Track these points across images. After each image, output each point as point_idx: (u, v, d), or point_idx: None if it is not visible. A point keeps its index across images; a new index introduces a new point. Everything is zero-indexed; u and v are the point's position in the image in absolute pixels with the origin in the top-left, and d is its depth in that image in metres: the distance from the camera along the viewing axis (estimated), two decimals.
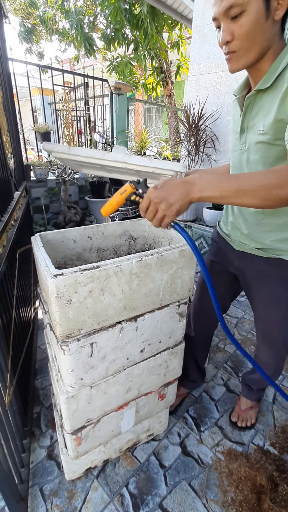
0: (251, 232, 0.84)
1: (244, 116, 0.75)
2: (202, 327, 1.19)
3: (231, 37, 0.64)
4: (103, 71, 4.04)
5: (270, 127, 0.67)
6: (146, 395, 0.96)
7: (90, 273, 0.63)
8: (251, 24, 0.62)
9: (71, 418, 0.80)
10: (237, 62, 0.68)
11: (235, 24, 0.63)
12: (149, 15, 4.54)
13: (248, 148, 0.77)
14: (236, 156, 0.83)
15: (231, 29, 0.64)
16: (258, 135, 0.71)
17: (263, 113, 0.70)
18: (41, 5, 5.90)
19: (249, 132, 0.75)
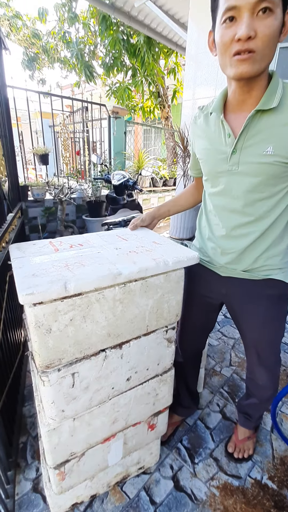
0: (238, 256, 0.83)
1: (240, 136, 0.71)
2: (190, 350, 1.15)
3: (254, 33, 0.58)
4: (101, 96, 4.21)
5: (285, 150, 0.67)
6: (134, 426, 0.92)
7: (71, 301, 0.61)
8: (274, 29, 0.59)
9: (53, 452, 0.75)
10: (252, 65, 0.62)
11: (261, 22, 0.58)
12: (145, 45, 4.79)
13: (242, 170, 0.74)
14: (220, 178, 0.79)
15: (254, 26, 0.58)
16: (262, 156, 0.70)
17: (266, 134, 0.69)
18: (44, 36, 6.23)
19: (244, 153, 0.72)
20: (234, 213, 0.80)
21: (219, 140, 0.77)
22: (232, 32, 0.60)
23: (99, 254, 0.74)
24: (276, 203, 0.76)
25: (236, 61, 0.62)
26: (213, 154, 0.79)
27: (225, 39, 0.62)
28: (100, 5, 3.78)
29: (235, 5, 0.58)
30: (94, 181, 3.50)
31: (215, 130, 0.78)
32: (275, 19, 0.58)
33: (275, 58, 2.30)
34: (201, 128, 0.83)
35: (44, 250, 0.76)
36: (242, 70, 0.63)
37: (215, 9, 0.65)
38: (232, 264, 0.86)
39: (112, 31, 4.82)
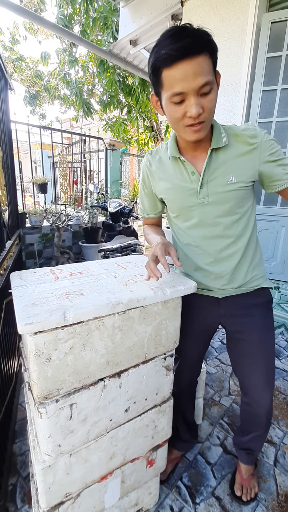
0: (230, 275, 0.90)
1: (205, 172, 0.81)
2: (186, 379, 1.12)
3: (202, 110, 0.69)
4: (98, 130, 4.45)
5: (244, 175, 0.81)
6: (132, 462, 0.88)
7: (72, 328, 0.62)
8: (215, 99, 0.71)
9: (48, 493, 0.71)
10: (204, 131, 0.75)
11: (205, 99, 0.69)
12: (140, 86, 5.17)
13: (213, 200, 0.83)
14: (192, 211, 0.86)
15: (201, 103, 0.68)
16: (227, 185, 0.81)
17: (226, 166, 0.81)
18: (46, 76, 6.69)
19: (211, 185, 0.82)
20: (216, 238, 0.88)
21: (182, 178, 0.86)
22: (183, 110, 0.70)
23: (98, 282, 0.76)
24: (247, 220, 0.88)
25: (190, 131, 0.73)
26: (179, 191, 0.87)
27: (178, 115, 0.71)
28: (98, 51, 4.13)
29: (182, 92, 0.67)
30: (91, 208, 3.59)
31: (175, 170, 0.87)
32: (215, 92, 0.70)
33: (258, 100, 2.51)
34: (159, 171, 0.91)
35: (45, 278, 0.78)
36: (197, 137, 0.74)
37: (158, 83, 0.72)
38: (228, 284, 0.91)
39: (109, 73, 5.21)
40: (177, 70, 0.65)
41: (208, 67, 0.67)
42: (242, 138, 0.80)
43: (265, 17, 2.38)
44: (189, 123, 0.71)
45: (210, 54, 0.67)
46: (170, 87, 0.68)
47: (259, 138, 0.80)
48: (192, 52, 0.64)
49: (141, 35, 3.64)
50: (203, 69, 0.65)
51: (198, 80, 0.65)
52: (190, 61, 0.64)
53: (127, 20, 3.60)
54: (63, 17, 5.01)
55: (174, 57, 0.64)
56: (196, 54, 0.64)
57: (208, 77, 0.66)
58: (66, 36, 4.01)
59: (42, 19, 3.59)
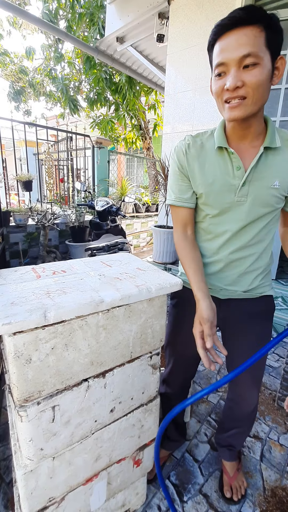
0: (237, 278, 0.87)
1: (251, 169, 0.76)
2: (180, 381, 1.11)
3: (242, 83, 0.64)
4: (85, 128, 4.39)
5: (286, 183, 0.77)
6: (118, 462, 0.87)
7: (53, 328, 0.60)
8: (263, 78, 0.64)
9: (30, 498, 0.69)
10: (244, 109, 0.68)
11: (247, 73, 0.64)
12: (127, 83, 5.14)
13: (250, 201, 0.78)
14: (228, 207, 0.81)
15: (241, 77, 0.64)
16: (270, 189, 0.77)
17: (274, 169, 0.76)
18: (31, 72, 6.55)
19: (253, 185, 0.77)
20: (240, 239, 0.84)
21: (225, 171, 0.78)
22: (222, 83, 0.67)
23: (82, 281, 0.74)
24: (271, 226, 0.85)
25: (228, 108, 0.69)
26: (220, 186, 0.80)
27: (217, 88, 0.69)
28: (85, 48, 4.07)
29: (223, 62, 0.65)
30: (78, 207, 3.54)
31: (218, 162, 0.79)
32: (262, 69, 0.64)
33: (281, 97, 2.48)
34: (198, 157, 0.82)
35: (26, 277, 0.75)
36: (234, 115, 0.69)
37: (211, 64, 0.72)
38: (233, 286, 0.88)
39: (96, 70, 5.15)
40: (223, 40, 0.64)
41: (257, 39, 0.62)
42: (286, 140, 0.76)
43: None
44: (227, 96, 0.67)
45: (265, 28, 0.62)
46: (216, 59, 0.66)
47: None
48: (241, 23, 0.61)
49: (128, 32, 3.61)
50: (249, 40, 0.61)
51: (240, 50, 0.62)
52: (238, 31, 0.62)
53: (113, 17, 3.57)
54: (48, 12, 4.91)
55: (224, 27, 0.63)
56: (245, 25, 0.61)
57: (253, 48, 0.62)
58: (51, 32, 3.93)
59: (26, 13, 3.51)
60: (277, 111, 2.47)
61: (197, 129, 2.89)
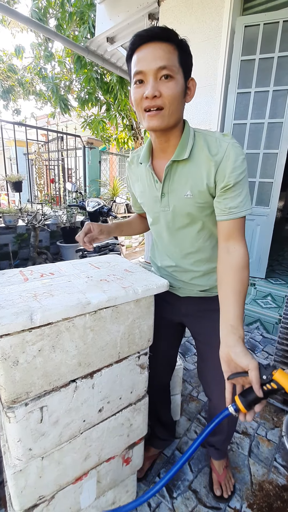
0: (192, 279, 0.92)
1: (164, 182, 0.81)
2: (157, 378, 1.11)
3: (159, 93, 0.68)
4: (76, 128, 4.37)
5: (199, 193, 0.78)
6: (108, 461, 0.88)
7: (40, 330, 0.61)
8: (177, 91, 0.70)
9: (20, 497, 0.70)
10: (162, 119, 0.71)
11: (164, 85, 0.68)
12: (118, 83, 5.13)
13: (172, 210, 0.83)
14: (158, 217, 0.89)
15: (159, 87, 0.68)
16: (184, 199, 0.80)
17: (184, 180, 0.79)
18: (20, 70, 6.47)
19: (171, 196, 0.82)
20: (178, 247, 0.90)
21: (151, 184, 0.86)
22: (142, 92, 0.70)
23: (69, 283, 0.75)
24: (210, 232, 0.87)
25: (147, 117, 0.72)
26: (148, 197, 0.88)
27: (137, 96, 0.71)
28: (75, 47, 4.05)
29: (141, 70, 0.68)
30: (69, 207, 3.53)
31: (147, 175, 0.87)
32: (177, 83, 0.69)
33: (233, 102, 2.57)
34: (136, 173, 0.92)
35: (13, 280, 0.76)
36: (153, 124, 0.72)
37: (129, 73, 0.74)
38: (188, 286, 0.95)
39: (87, 70, 5.12)
40: (141, 51, 0.68)
41: (171, 55, 0.68)
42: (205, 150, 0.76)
43: (239, 21, 2.44)
44: (146, 105, 0.70)
45: (177, 47, 0.69)
46: (134, 67, 0.70)
47: (219, 155, 0.74)
48: (157, 37, 0.67)
49: (118, 32, 3.61)
50: (165, 54, 0.67)
51: (157, 62, 0.67)
52: (154, 45, 0.67)
53: (104, 17, 3.56)
54: (37, 10, 4.86)
55: (142, 38, 0.67)
56: (162, 40, 0.67)
57: (168, 62, 0.67)
58: (41, 31, 3.90)
59: (14, 12, 3.47)
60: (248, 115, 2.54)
61: None
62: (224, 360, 0.67)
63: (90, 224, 0.95)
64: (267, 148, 2.50)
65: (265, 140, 2.50)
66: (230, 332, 0.66)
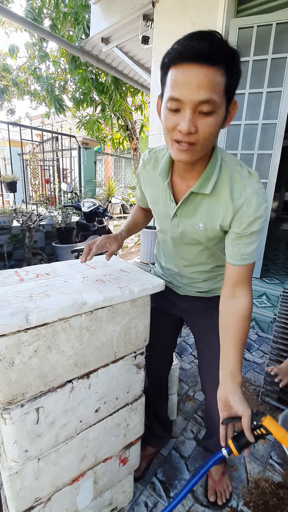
0: (192, 283, 0.97)
1: (180, 206, 0.78)
2: (154, 374, 1.13)
3: (195, 129, 0.60)
4: (71, 128, 4.36)
5: (212, 229, 0.77)
6: (105, 462, 0.88)
7: (36, 331, 0.61)
8: (216, 126, 0.61)
9: (16, 499, 0.69)
10: (192, 154, 0.65)
11: (202, 120, 0.59)
12: (113, 84, 5.13)
13: (180, 232, 0.82)
14: (166, 230, 0.88)
15: (196, 123, 0.59)
16: (195, 229, 0.79)
17: (199, 213, 0.76)
18: (14, 70, 6.43)
19: (182, 220, 0.80)
20: (181, 259, 0.93)
21: (165, 200, 0.83)
22: (175, 121, 0.61)
23: (65, 283, 0.75)
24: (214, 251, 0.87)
25: (177, 149, 0.64)
26: (160, 209, 0.86)
27: (169, 124, 0.62)
28: (69, 48, 4.04)
29: (179, 99, 0.58)
30: (64, 208, 3.52)
31: (163, 189, 0.82)
32: (217, 117, 0.60)
33: None
34: (150, 177, 0.86)
35: (8, 281, 0.76)
36: (181, 158, 0.66)
37: (164, 83, 0.64)
38: (188, 287, 0.98)
39: (82, 70, 5.11)
40: (181, 71, 0.56)
41: (218, 85, 0.56)
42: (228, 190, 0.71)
43: (233, 23, 2.46)
44: (178, 137, 0.62)
45: (227, 72, 0.57)
46: (170, 89, 0.59)
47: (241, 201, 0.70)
48: (204, 58, 0.53)
49: (113, 33, 3.61)
50: (210, 84, 0.55)
51: (200, 93, 0.55)
52: (198, 68, 0.54)
53: (98, 17, 3.56)
54: (32, 10, 4.84)
55: (183, 56, 0.55)
56: (208, 63, 0.54)
57: (213, 95, 0.56)
58: (35, 31, 3.88)
59: (9, 11, 3.46)
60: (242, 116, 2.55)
61: None
62: (221, 401, 0.71)
63: (108, 239, 0.89)
64: (261, 149, 2.53)
65: (259, 141, 2.52)
66: (230, 378, 0.70)
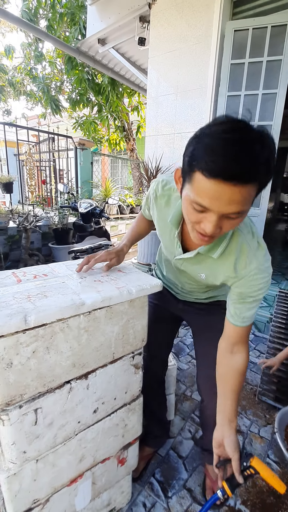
0: (191, 292, 1.02)
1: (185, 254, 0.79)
2: (150, 375, 1.12)
3: (220, 229, 0.60)
4: (67, 129, 4.35)
5: (212, 282, 0.81)
6: (103, 462, 0.88)
7: (34, 332, 0.61)
8: (241, 221, 0.61)
9: (14, 501, 0.69)
10: (210, 242, 0.65)
11: (228, 222, 0.58)
12: (110, 85, 5.14)
13: (183, 270, 0.87)
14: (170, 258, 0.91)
15: (222, 224, 0.59)
16: (197, 275, 0.83)
17: (204, 266, 0.79)
18: (10, 70, 6.41)
19: (186, 264, 0.83)
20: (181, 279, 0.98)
21: (172, 241, 0.83)
22: (200, 218, 0.59)
23: (63, 284, 0.75)
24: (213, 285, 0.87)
25: (198, 238, 0.64)
26: (166, 242, 0.89)
27: (192, 219, 0.61)
28: (66, 48, 4.04)
29: (207, 207, 0.56)
30: (61, 209, 3.51)
31: (171, 229, 0.82)
32: (243, 216, 0.58)
33: (224, 104, 2.61)
34: (160, 210, 0.87)
35: (6, 282, 0.75)
36: (201, 244, 0.68)
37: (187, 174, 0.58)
38: (188, 295, 1.04)
39: (78, 71, 5.12)
40: (212, 186, 0.52)
41: (250, 198, 0.55)
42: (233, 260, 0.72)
43: (229, 25, 2.48)
44: (200, 231, 0.62)
45: (260, 184, 0.55)
46: (197, 193, 0.56)
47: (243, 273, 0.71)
48: (238, 180, 0.51)
49: (109, 34, 3.62)
50: (243, 199, 0.53)
51: (232, 208, 0.54)
52: (233, 187, 0.51)
53: (95, 18, 3.57)
54: (27, 10, 4.83)
55: (213, 172, 0.51)
56: (242, 184, 0.51)
57: (244, 207, 0.55)
58: (31, 31, 3.88)
59: (4, 11, 3.45)
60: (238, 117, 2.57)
61: (179, 132, 2.95)
62: (216, 441, 0.79)
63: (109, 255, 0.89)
64: None
65: None
66: (227, 423, 0.77)
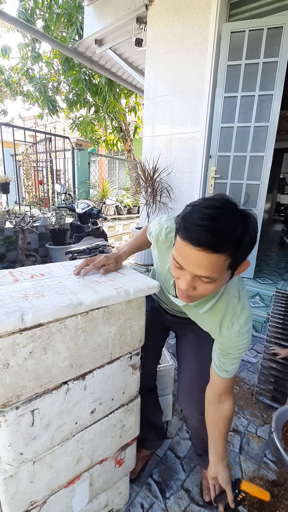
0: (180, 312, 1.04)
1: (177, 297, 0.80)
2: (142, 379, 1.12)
3: (194, 289, 0.64)
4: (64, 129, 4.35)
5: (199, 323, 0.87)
6: (100, 463, 0.87)
7: (31, 332, 0.60)
8: (216, 288, 0.63)
9: (11, 503, 0.69)
10: (191, 301, 0.70)
11: (201, 285, 0.62)
12: (107, 85, 5.15)
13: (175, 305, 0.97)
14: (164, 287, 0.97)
15: (195, 284, 0.63)
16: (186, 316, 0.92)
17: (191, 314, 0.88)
18: (7, 71, 6.39)
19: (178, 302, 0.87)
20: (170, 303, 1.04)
21: (169, 281, 0.90)
22: (179, 274, 0.65)
23: (61, 284, 0.75)
24: None
25: (178, 291, 0.69)
26: (162, 278, 0.96)
27: (173, 273, 0.67)
28: (63, 49, 4.04)
29: (181, 265, 0.62)
30: (58, 209, 3.50)
31: (168, 276, 0.90)
32: (217, 284, 0.62)
33: (221, 105, 2.62)
34: (161, 253, 0.93)
35: (3, 281, 0.75)
36: (182, 299, 0.70)
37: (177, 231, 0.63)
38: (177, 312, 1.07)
39: (75, 71, 5.11)
40: (185, 247, 0.58)
41: (219, 266, 0.57)
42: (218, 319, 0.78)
43: (225, 27, 2.50)
44: (179, 286, 0.67)
45: (232, 255, 0.57)
46: (176, 251, 0.63)
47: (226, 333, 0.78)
48: (206, 246, 0.55)
49: (106, 35, 3.62)
50: (210, 265, 0.57)
51: (200, 271, 0.59)
52: (200, 251, 0.56)
53: (92, 19, 3.57)
54: (24, 11, 4.82)
55: (187, 236, 0.57)
56: (210, 252, 0.55)
57: (212, 274, 0.58)
58: (28, 31, 3.87)
59: (1, 11, 3.43)
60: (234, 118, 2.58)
61: (177, 132, 2.95)
62: (211, 477, 0.90)
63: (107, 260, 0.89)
64: (253, 151, 2.56)
65: (251, 143, 2.55)
66: (219, 462, 0.88)
